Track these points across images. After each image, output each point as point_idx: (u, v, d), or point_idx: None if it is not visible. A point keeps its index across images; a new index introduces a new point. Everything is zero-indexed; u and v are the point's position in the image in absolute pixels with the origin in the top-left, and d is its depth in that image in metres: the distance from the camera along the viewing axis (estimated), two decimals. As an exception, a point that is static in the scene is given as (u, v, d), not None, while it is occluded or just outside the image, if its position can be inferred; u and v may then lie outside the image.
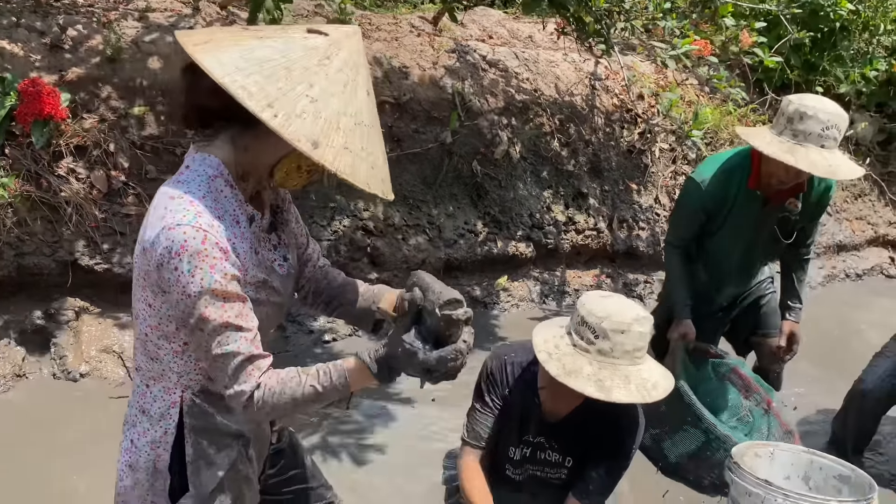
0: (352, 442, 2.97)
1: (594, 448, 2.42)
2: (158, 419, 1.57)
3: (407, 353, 1.47)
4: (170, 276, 1.40)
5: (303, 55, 1.44)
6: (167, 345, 1.52)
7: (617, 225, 4.97)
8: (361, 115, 1.48)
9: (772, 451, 2.48)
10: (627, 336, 2.11)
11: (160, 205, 1.45)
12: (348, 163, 1.42)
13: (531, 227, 4.58)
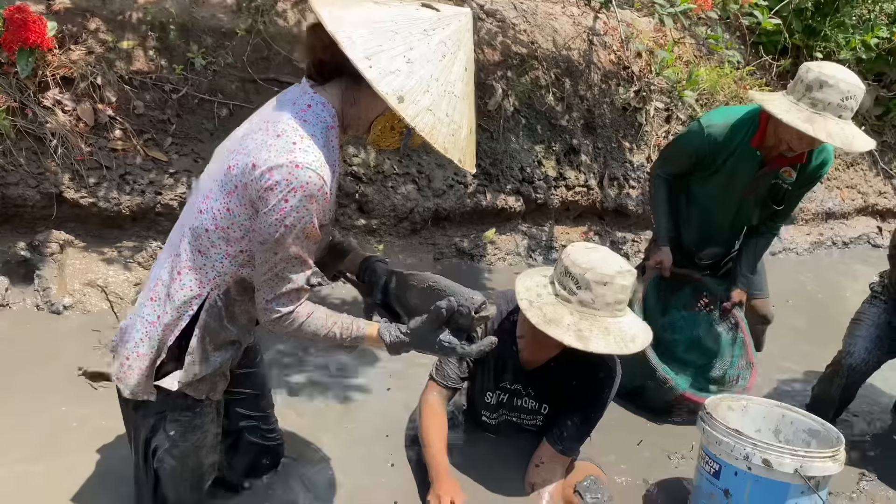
0: (337, 382, 3.00)
1: (570, 397, 2.46)
2: (178, 306, 1.77)
3: (444, 349, 1.77)
4: (276, 202, 1.60)
5: (410, 23, 1.61)
6: (223, 246, 1.73)
7: (607, 182, 4.96)
8: (453, 85, 1.63)
9: (745, 405, 2.53)
10: (609, 288, 2.13)
11: (288, 134, 1.62)
12: (428, 123, 1.58)
13: (521, 180, 4.56)
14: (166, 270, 1.80)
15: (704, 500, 2.32)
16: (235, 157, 1.67)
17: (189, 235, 1.75)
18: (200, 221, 1.73)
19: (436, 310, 1.75)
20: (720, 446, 2.24)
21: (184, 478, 1.98)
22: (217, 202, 1.70)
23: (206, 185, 1.75)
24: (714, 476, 2.28)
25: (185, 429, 1.91)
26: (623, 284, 2.15)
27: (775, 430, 2.49)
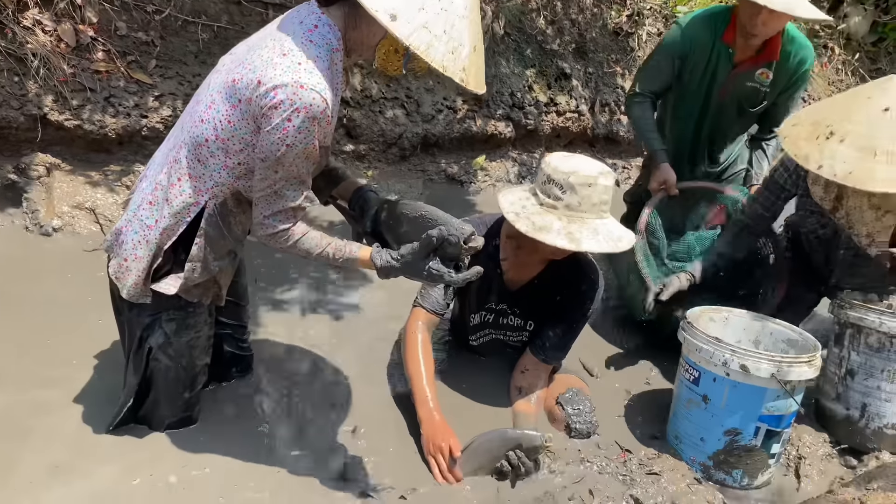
0: (327, 300, 3.05)
1: (554, 311, 2.51)
2: (177, 212, 1.84)
3: (433, 276, 1.81)
4: (280, 122, 1.63)
5: None
6: (222, 156, 1.77)
7: (599, 108, 4.93)
8: (451, 3, 1.62)
9: (726, 316, 2.58)
10: (594, 189, 2.16)
11: (294, 54, 1.64)
12: (424, 40, 1.58)
13: (512, 106, 4.53)
14: (164, 175, 1.85)
15: (683, 407, 2.39)
16: (240, 71, 1.70)
17: (189, 143, 1.79)
18: (201, 131, 1.77)
19: (427, 238, 1.79)
20: (700, 354, 2.30)
21: (178, 378, 2.06)
22: (219, 113, 1.73)
23: (208, 95, 1.78)
24: (693, 383, 2.34)
25: (179, 326, 1.99)
26: (606, 185, 2.18)
27: (755, 341, 2.54)
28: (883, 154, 2.26)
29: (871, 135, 2.29)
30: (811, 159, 2.36)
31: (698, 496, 2.19)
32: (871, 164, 2.25)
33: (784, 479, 2.41)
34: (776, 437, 2.29)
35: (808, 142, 2.40)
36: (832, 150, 2.32)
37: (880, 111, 2.31)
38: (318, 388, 2.50)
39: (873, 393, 2.46)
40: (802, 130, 2.45)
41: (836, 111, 2.43)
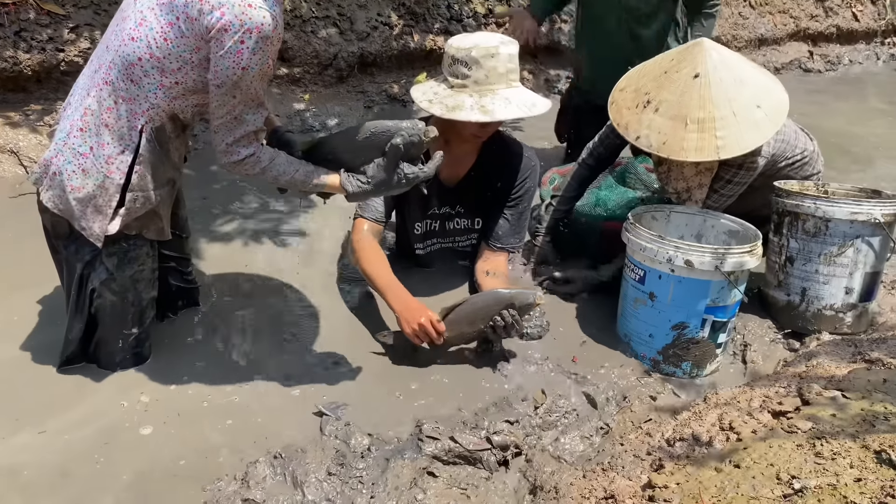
0: (270, 228, 2.99)
1: (498, 199, 2.53)
2: (120, 137, 1.77)
3: (409, 180, 1.89)
4: (231, 45, 1.59)
5: None
6: (157, 76, 1.70)
7: (539, 18, 4.83)
8: None
9: (667, 214, 2.60)
10: (498, 59, 2.18)
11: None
12: None
13: (449, 19, 4.41)
14: (93, 99, 1.77)
15: (631, 306, 2.42)
16: None
17: (119, 64, 1.72)
18: (132, 49, 1.70)
19: (393, 148, 1.83)
20: (644, 253, 2.32)
21: (125, 313, 2.02)
22: (152, 31, 1.68)
23: (137, 11, 1.70)
24: (639, 282, 2.37)
25: (121, 261, 1.94)
26: (509, 53, 2.21)
27: (697, 236, 2.57)
28: (693, 122, 2.30)
29: (682, 103, 2.32)
30: (630, 129, 2.42)
31: (648, 387, 2.25)
32: (682, 133, 2.30)
33: (731, 367, 2.48)
34: (722, 327, 2.34)
35: (629, 111, 2.44)
36: (649, 120, 2.37)
37: (691, 78, 2.33)
38: (269, 310, 2.48)
39: (812, 277, 2.53)
40: (627, 97, 2.48)
41: (654, 79, 2.44)
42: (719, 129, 2.29)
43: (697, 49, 2.38)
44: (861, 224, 2.42)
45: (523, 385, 2.20)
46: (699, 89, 2.32)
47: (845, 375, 1.82)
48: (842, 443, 1.43)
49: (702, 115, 2.31)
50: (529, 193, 2.54)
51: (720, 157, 2.32)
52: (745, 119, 2.32)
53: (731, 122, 2.31)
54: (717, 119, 2.30)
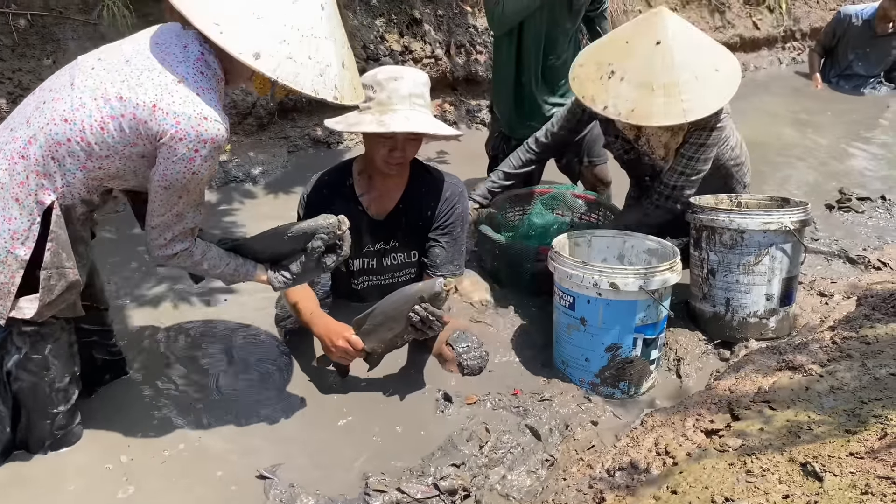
0: (199, 288, 2.93)
1: (431, 229, 2.56)
2: (29, 212, 1.74)
3: (330, 268, 2.08)
4: (186, 152, 1.68)
5: None
6: (83, 157, 1.72)
7: (454, 51, 4.91)
8: (312, 29, 1.70)
9: (589, 239, 2.66)
10: (401, 82, 2.24)
11: (189, 83, 1.68)
12: (291, 71, 1.66)
13: (366, 59, 4.44)
14: (4, 172, 1.74)
15: (565, 332, 2.46)
16: (126, 88, 1.68)
17: (43, 140, 1.72)
18: (63, 129, 1.71)
19: (314, 251, 2.02)
20: (571, 279, 2.36)
21: (47, 394, 1.94)
22: (91, 118, 1.69)
23: (76, 97, 1.71)
24: (570, 308, 2.41)
25: (34, 340, 1.88)
26: (415, 80, 2.27)
27: (619, 256, 2.65)
28: (660, 88, 2.39)
29: (647, 70, 2.41)
30: (597, 100, 2.48)
31: (589, 412, 2.28)
32: (650, 99, 2.39)
33: (667, 382, 2.54)
34: (653, 343, 2.40)
35: (594, 83, 2.50)
36: (616, 89, 2.43)
37: (653, 45, 2.43)
38: (203, 370, 2.42)
39: (733, 287, 2.62)
40: (589, 71, 2.55)
41: (616, 50, 2.52)
42: (683, 93, 2.38)
43: (656, 18, 2.47)
44: (773, 233, 2.53)
45: (466, 424, 2.20)
46: (662, 56, 2.41)
47: (771, 386, 1.88)
48: (770, 457, 1.48)
49: (666, 81, 2.39)
50: (461, 219, 2.57)
51: (686, 119, 2.40)
52: (707, 81, 2.43)
53: (694, 85, 2.41)
54: (681, 84, 2.39)
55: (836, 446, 1.45)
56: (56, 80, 1.80)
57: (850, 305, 2.71)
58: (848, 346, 2.03)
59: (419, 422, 2.25)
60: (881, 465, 1.34)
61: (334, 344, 2.24)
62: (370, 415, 2.27)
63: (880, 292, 2.53)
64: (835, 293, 2.92)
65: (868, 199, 4.00)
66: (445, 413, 2.28)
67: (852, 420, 1.57)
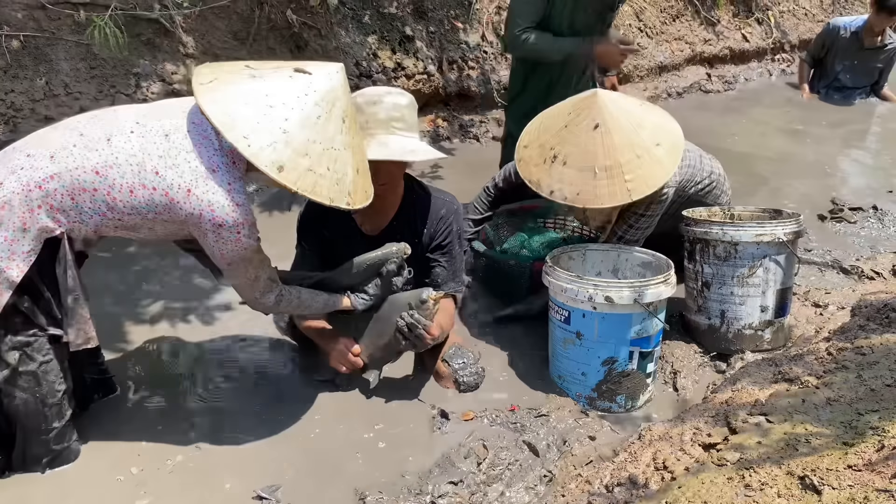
0: (196, 305, 2.92)
1: (428, 248, 2.55)
2: (33, 237, 1.80)
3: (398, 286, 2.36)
4: (229, 235, 1.82)
5: (285, 93, 1.78)
6: (104, 209, 1.81)
7: (447, 67, 4.93)
8: (332, 140, 1.82)
9: (583, 253, 2.66)
10: (379, 106, 2.23)
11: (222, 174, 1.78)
12: (310, 182, 1.78)
13: (359, 76, 4.45)
14: (18, 196, 1.77)
15: (560, 346, 2.46)
16: (165, 167, 1.77)
17: (68, 182, 1.78)
18: (92, 180, 1.78)
19: (388, 274, 2.29)
20: (566, 294, 2.36)
21: (39, 410, 1.94)
22: (123, 179, 1.77)
23: (110, 153, 1.78)
24: (565, 322, 2.41)
25: (22, 354, 1.88)
26: (394, 102, 2.24)
27: (614, 270, 2.65)
28: (602, 170, 2.42)
29: (587, 154, 2.44)
30: (543, 185, 2.52)
31: (586, 427, 2.28)
32: (593, 182, 2.43)
33: (664, 395, 2.54)
34: (649, 356, 2.40)
35: (538, 167, 2.54)
36: (559, 174, 2.48)
37: (591, 130, 2.45)
38: (194, 389, 2.41)
39: (728, 299, 2.62)
40: (533, 154, 2.58)
41: (555, 134, 2.54)
42: (627, 174, 2.40)
43: (592, 100, 2.48)
44: (767, 244, 2.53)
45: (463, 441, 2.20)
46: (602, 138, 2.42)
47: (768, 398, 1.88)
48: (768, 471, 1.47)
49: (608, 163, 2.41)
50: (458, 236, 2.57)
51: (632, 198, 2.42)
52: (649, 159, 2.42)
53: (637, 164, 2.41)
54: (623, 164, 2.40)
55: (834, 459, 1.45)
56: (88, 126, 1.85)
57: (844, 316, 2.72)
58: (843, 357, 2.03)
59: (416, 440, 2.24)
60: (879, 477, 1.33)
61: (335, 348, 2.35)
62: (367, 433, 2.26)
63: (874, 302, 2.53)
64: (829, 304, 2.92)
65: (860, 209, 4.02)
66: (442, 430, 2.27)
67: (849, 432, 1.57)
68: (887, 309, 2.36)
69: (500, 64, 5.19)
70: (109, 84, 3.56)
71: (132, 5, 3.65)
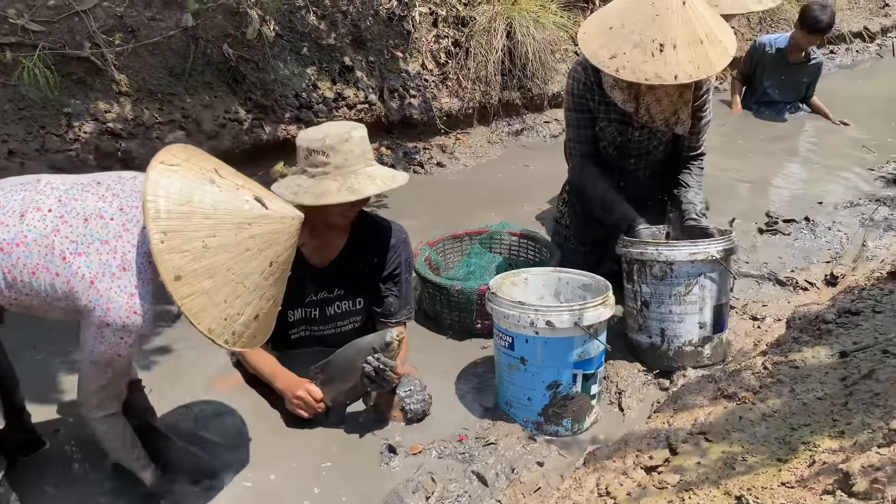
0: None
1: (378, 276, 2.57)
2: None
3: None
4: (112, 338, 1.73)
5: (229, 212, 1.71)
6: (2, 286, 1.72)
7: (388, 95, 4.95)
8: (246, 277, 1.74)
9: (525, 277, 2.68)
10: (352, 142, 2.29)
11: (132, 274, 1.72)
12: (199, 305, 1.67)
13: (299, 107, 4.43)
14: None
15: (506, 373, 2.46)
16: (74, 254, 1.70)
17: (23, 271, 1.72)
18: None
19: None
20: (508, 320, 2.37)
21: None
22: (28, 259, 1.71)
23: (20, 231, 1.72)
24: (509, 348, 2.42)
25: None
26: (361, 136, 2.33)
27: (555, 293, 2.67)
28: (705, 38, 2.60)
29: (688, 29, 2.58)
30: (664, 74, 2.55)
31: (534, 454, 2.28)
32: (704, 50, 2.58)
33: (610, 415, 2.56)
34: (592, 378, 2.42)
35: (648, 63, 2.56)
36: (674, 57, 2.56)
37: (681, 7, 2.60)
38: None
39: (667, 318, 2.67)
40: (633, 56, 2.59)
41: (648, 25, 2.60)
42: (719, 35, 2.64)
43: None
44: (701, 263, 2.59)
45: (412, 475, 2.18)
46: (692, 10, 2.61)
47: (707, 417, 1.91)
48: (707, 492, 1.49)
49: (706, 30, 2.61)
50: (408, 264, 2.63)
51: (731, 55, 2.62)
52: (722, 25, 2.72)
53: (720, 27, 2.68)
54: (713, 27, 2.64)
55: (769, 476, 1.48)
56: (7, 196, 1.77)
57: (781, 328, 2.79)
58: (778, 371, 2.08)
59: (363, 476, 2.21)
60: (810, 493, 1.36)
61: (295, 395, 2.31)
62: (312, 472, 2.22)
63: (807, 314, 2.61)
64: (766, 316, 3.00)
65: (793, 220, 4.15)
66: (390, 465, 2.25)
67: (783, 448, 1.60)
68: (818, 320, 2.43)
69: (441, 91, 5.23)
70: (39, 125, 3.47)
71: (61, 44, 3.58)
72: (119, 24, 3.81)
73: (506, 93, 5.52)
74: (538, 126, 5.72)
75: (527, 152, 5.35)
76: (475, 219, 3.86)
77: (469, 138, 5.36)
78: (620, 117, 2.87)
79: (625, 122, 2.87)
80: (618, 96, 2.79)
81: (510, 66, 5.48)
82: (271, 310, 1.89)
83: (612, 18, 2.72)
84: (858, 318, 2.29)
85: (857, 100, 6.85)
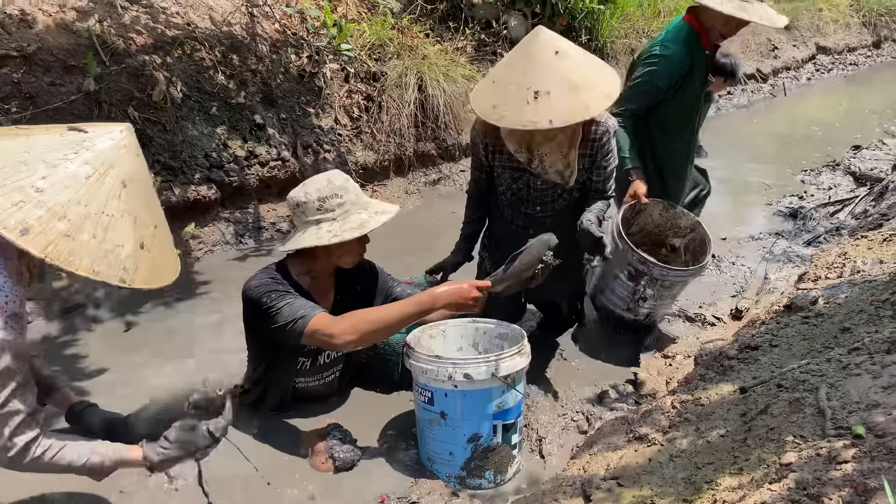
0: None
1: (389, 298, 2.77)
2: None
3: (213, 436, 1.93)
4: None
5: (48, 150, 1.57)
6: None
7: (302, 151, 4.95)
8: (105, 204, 1.59)
9: (443, 330, 2.70)
10: (350, 189, 2.46)
11: None
12: (65, 249, 1.51)
13: (210, 167, 4.38)
14: None
15: (427, 428, 2.46)
16: None
17: None
18: None
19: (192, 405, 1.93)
20: (427, 375, 2.37)
21: None
22: None
23: None
24: (429, 403, 2.41)
25: None
26: (353, 181, 2.52)
27: (474, 344, 2.70)
28: (580, 84, 2.63)
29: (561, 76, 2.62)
30: (538, 120, 2.60)
31: (457, 511, 2.27)
32: (578, 97, 2.61)
33: (532, 463, 2.57)
34: (512, 428, 2.43)
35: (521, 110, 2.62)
36: (547, 104, 2.59)
37: (553, 56, 2.64)
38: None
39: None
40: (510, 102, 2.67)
41: (524, 73, 2.66)
42: (598, 82, 2.70)
43: (541, 35, 2.68)
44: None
45: (332, 546, 2.13)
46: (566, 60, 2.65)
47: (618, 461, 1.95)
48: (618, 538, 1.52)
49: (581, 77, 2.64)
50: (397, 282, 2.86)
51: (612, 98, 2.68)
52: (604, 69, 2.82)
53: (603, 72, 2.76)
54: (590, 76, 2.68)
55: (676, 518, 1.52)
56: None
57: (689, 365, 2.89)
58: (685, 410, 2.15)
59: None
60: (713, 533, 1.40)
61: (472, 297, 2.37)
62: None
63: (712, 350, 2.71)
64: (677, 354, 3.10)
65: (699, 257, 4.33)
66: (310, 532, 2.19)
67: (689, 488, 1.65)
68: (722, 357, 2.53)
69: (355, 145, 5.27)
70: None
71: (-47, 112, 3.46)
72: (16, 90, 3.70)
73: (420, 144, 5.62)
74: (454, 175, 5.83)
75: (444, 201, 5.42)
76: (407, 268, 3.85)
77: (386, 190, 5.41)
78: (516, 164, 2.98)
79: (520, 169, 2.97)
80: (511, 145, 2.89)
81: (423, 119, 5.60)
82: (159, 235, 1.73)
83: (496, 73, 2.89)
84: (757, 353, 2.39)
85: (755, 136, 7.28)
